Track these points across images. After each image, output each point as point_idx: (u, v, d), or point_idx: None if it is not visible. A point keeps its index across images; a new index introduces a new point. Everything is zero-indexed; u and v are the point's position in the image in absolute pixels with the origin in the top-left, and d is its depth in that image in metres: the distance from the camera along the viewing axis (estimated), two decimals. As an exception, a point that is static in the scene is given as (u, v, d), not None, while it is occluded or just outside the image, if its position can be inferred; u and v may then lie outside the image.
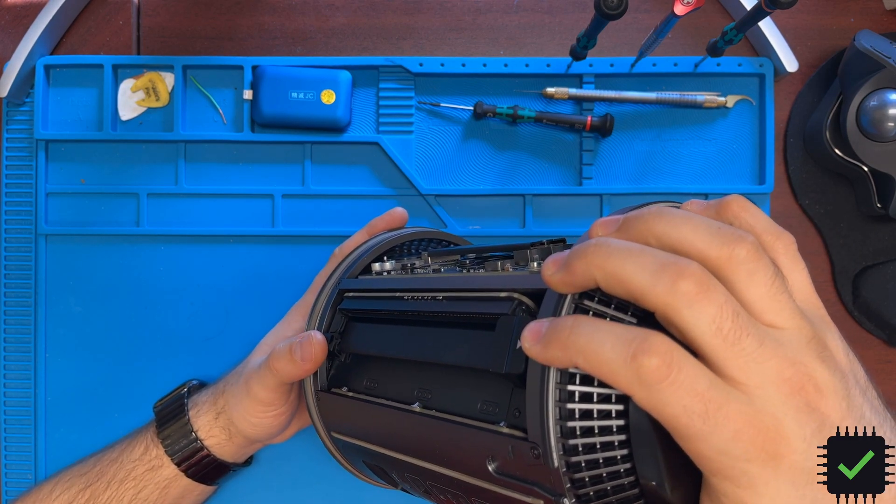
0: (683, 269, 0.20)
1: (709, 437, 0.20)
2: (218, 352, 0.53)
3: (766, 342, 0.21)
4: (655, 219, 0.23)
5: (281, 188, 0.53)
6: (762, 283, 0.21)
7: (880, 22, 0.54)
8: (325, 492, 0.52)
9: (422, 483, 0.32)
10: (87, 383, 0.53)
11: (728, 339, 0.20)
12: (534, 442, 0.23)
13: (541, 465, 0.23)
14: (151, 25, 0.55)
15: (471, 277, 0.31)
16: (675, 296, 0.20)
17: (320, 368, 0.38)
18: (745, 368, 0.20)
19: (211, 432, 0.45)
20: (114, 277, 0.53)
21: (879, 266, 0.52)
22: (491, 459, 0.26)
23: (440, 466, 0.29)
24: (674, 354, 0.20)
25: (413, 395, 0.32)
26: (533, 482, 0.24)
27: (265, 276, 0.53)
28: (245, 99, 0.53)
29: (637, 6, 0.54)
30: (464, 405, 0.29)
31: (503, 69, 0.53)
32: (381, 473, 0.36)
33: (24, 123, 0.54)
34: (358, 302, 0.38)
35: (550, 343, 0.22)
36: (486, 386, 0.28)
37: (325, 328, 0.39)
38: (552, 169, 0.54)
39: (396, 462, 0.33)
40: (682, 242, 0.22)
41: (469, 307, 0.30)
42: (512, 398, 0.26)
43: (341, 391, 0.37)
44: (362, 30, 0.55)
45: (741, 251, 0.21)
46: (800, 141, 0.53)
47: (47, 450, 0.53)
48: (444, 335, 0.31)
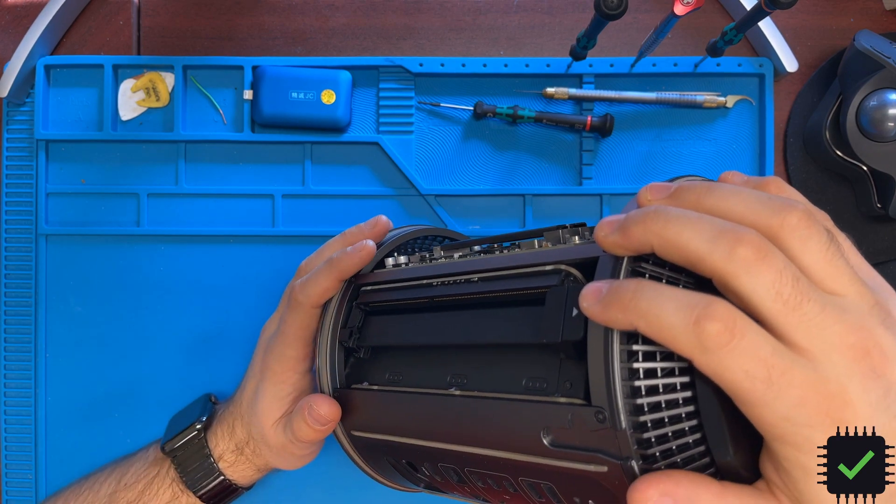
0: (742, 235, 0.21)
1: (772, 403, 0.20)
2: (218, 352, 0.53)
3: (827, 308, 0.21)
4: (706, 191, 0.23)
5: (281, 188, 0.53)
6: (817, 248, 0.21)
7: (880, 22, 0.54)
8: (328, 492, 0.52)
9: (458, 472, 0.31)
10: (87, 383, 0.53)
11: (789, 304, 0.20)
12: (598, 406, 0.23)
13: (605, 429, 0.23)
14: (151, 25, 0.55)
15: (509, 255, 0.31)
16: (734, 261, 0.20)
17: (336, 366, 0.37)
18: (807, 334, 0.20)
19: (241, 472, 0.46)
20: (114, 277, 0.53)
21: (879, 266, 0.52)
22: (546, 432, 0.25)
23: (484, 449, 0.28)
24: (737, 320, 0.20)
25: (446, 381, 0.31)
26: (595, 449, 0.24)
27: (265, 276, 0.53)
28: (245, 99, 0.53)
29: (637, 6, 0.54)
30: (506, 385, 0.28)
31: (503, 69, 0.53)
32: (407, 470, 0.35)
33: (24, 123, 0.54)
34: (377, 294, 0.37)
35: (611, 304, 0.22)
36: (529, 363, 0.28)
37: (343, 323, 0.38)
38: (552, 169, 0.54)
39: (430, 452, 0.32)
40: (734, 213, 0.22)
41: (512, 284, 0.29)
42: (561, 371, 0.26)
43: (362, 386, 0.36)
44: (362, 30, 0.55)
45: (792, 218, 0.21)
46: (800, 141, 0.54)
47: (47, 450, 0.53)
48: (483, 316, 0.30)
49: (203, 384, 0.53)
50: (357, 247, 0.38)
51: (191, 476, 0.45)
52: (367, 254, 0.38)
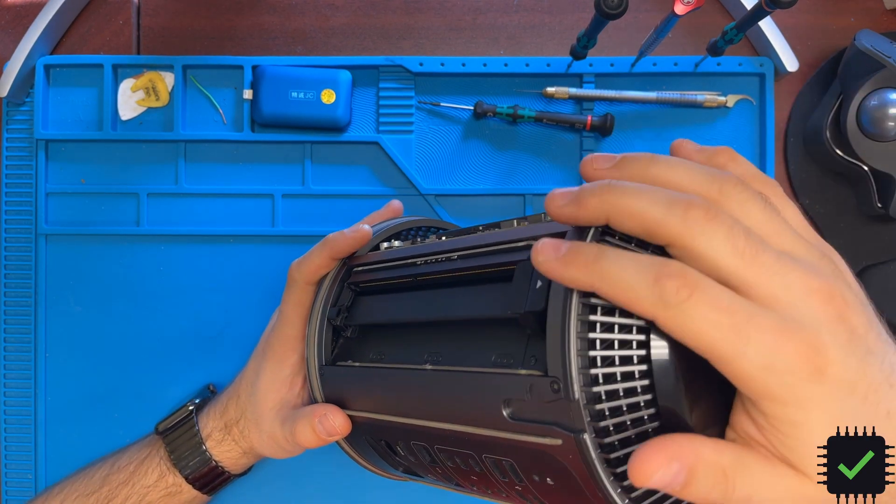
0: (691, 201, 0.22)
1: (746, 351, 0.20)
2: (218, 352, 0.53)
3: (783, 258, 0.21)
4: (650, 161, 0.24)
5: (281, 188, 0.53)
6: (755, 208, 0.23)
7: (880, 22, 0.54)
8: (320, 484, 0.52)
9: (429, 450, 0.31)
10: (87, 383, 0.53)
11: (746, 257, 0.21)
12: (554, 376, 0.23)
13: (560, 399, 0.23)
14: (151, 25, 0.55)
15: (486, 234, 0.31)
16: (688, 223, 0.21)
17: (324, 344, 0.38)
18: (770, 283, 0.21)
19: (226, 454, 0.46)
20: (114, 277, 0.53)
21: (879, 266, 0.52)
22: (506, 405, 0.26)
23: (450, 423, 0.29)
24: (694, 275, 0.21)
25: (423, 359, 0.31)
26: (551, 422, 0.24)
27: (265, 276, 0.53)
28: (245, 99, 0.53)
29: (637, 6, 0.54)
30: (476, 361, 0.28)
31: (503, 69, 0.53)
32: (385, 451, 0.36)
33: (24, 123, 0.54)
34: (367, 274, 0.38)
35: (571, 262, 0.22)
36: (500, 340, 0.28)
37: (333, 302, 0.38)
38: (552, 169, 0.54)
39: (402, 429, 0.32)
40: (677, 183, 0.23)
41: (486, 260, 0.30)
42: (528, 347, 0.26)
43: (346, 363, 0.36)
44: (362, 30, 0.55)
45: (728, 185, 0.23)
46: (800, 141, 0.53)
47: (47, 450, 0.53)
48: (458, 293, 0.31)
49: (202, 384, 0.53)
50: (353, 228, 0.39)
51: (178, 455, 0.45)
52: (362, 236, 0.39)
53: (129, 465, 0.47)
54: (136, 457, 0.47)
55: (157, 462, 0.46)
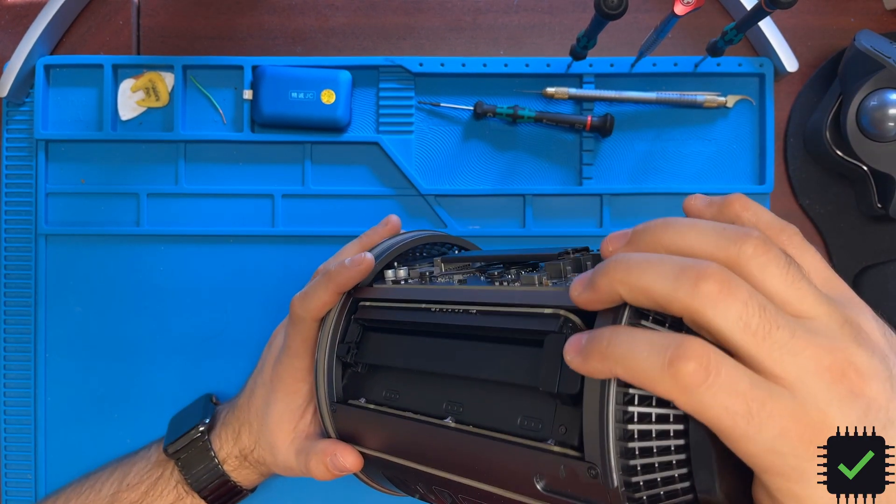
0: (703, 270, 0.21)
1: (755, 436, 0.20)
2: (218, 352, 0.53)
3: (797, 332, 0.21)
4: (662, 229, 0.23)
5: (281, 188, 0.53)
6: (777, 273, 0.21)
7: (880, 22, 0.54)
8: (329, 494, 0.52)
9: (452, 496, 0.31)
10: (87, 383, 0.53)
11: (759, 335, 0.20)
12: (591, 462, 0.23)
13: (597, 484, 0.23)
14: (151, 25, 0.55)
15: (509, 292, 0.30)
16: (699, 297, 0.20)
17: (334, 378, 0.37)
18: (781, 361, 0.20)
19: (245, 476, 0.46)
20: (114, 277, 0.53)
21: (879, 266, 0.52)
22: (539, 477, 0.25)
23: (477, 482, 0.29)
24: (711, 357, 0.20)
25: (442, 408, 0.31)
26: (586, 500, 0.24)
27: (265, 276, 0.53)
28: (245, 99, 0.53)
29: (637, 6, 0.54)
30: (501, 420, 0.28)
31: (503, 69, 0.53)
32: (402, 484, 0.36)
33: (24, 123, 0.54)
34: (376, 312, 0.37)
35: (590, 354, 0.22)
36: (525, 401, 0.28)
37: (341, 338, 0.37)
38: (552, 169, 0.54)
39: (424, 475, 0.32)
40: (692, 248, 0.22)
41: (510, 323, 0.29)
42: (556, 415, 0.26)
43: (359, 402, 0.36)
44: (362, 30, 0.55)
45: (748, 248, 0.21)
46: (800, 141, 0.53)
47: (47, 450, 0.53)
48: (481, 349, 0.30)
49: (203, 384, 0.53)
50: (355, 260, 0.38)
51: (195, 477, 0.45)
52: (366, 267, 0.38)
53: (140, 485, 0.46)
54: (146, 476, 0.46)
55: (174, 485, 0.46)
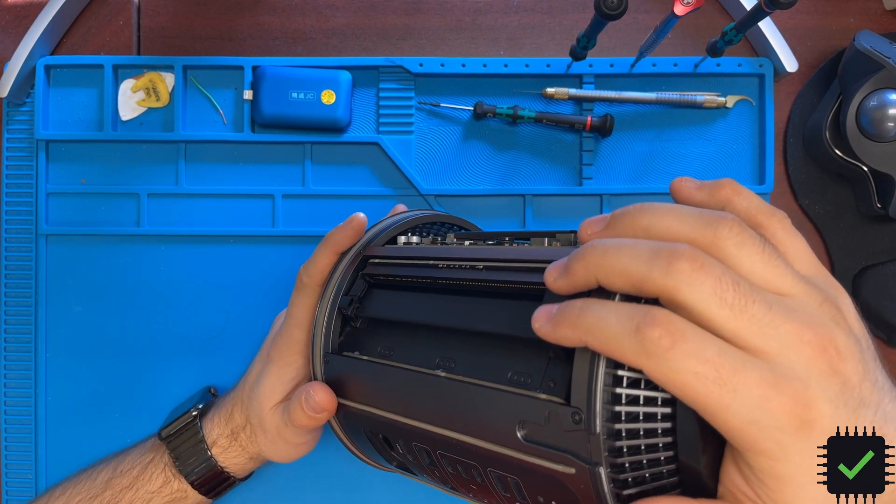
0: (675, 250, 0.21)
1: (731, 404, 0.20)
2: (218, 352, 0.53)
3: (775, 307, 0.21)
4: (640, 213, 0.23)
5: (281, 188, 0.53)
6: (753, 252, 0.22)
7: (880, 22, 0.54)
8: (325, 491, 0.52)
9: (430, 453, 0.31)
10: (87, 383, 0.53)
11: (735, 308, 0.20)
12: (576, 407, 0.23)
13: (579, 431, 0.23)
14: (151, 25, 0.55)
15: (518, 250, 0.31)
16: (673, 275, 0.21)
17: (332, 331, 0.38)
18: (760, 334, 0.20)
19: (233, 459, 0.46)
20: (114, 277, 0.53)
21: (879, 266, 0.52)
22: (521, 426, 0.26)
23: (458, 433, 0.29)
24: (676, 323, 0.20)
25: (435, 362, 0.31)
26: (566, 450, 0.24)
27: (265, 276, 0.53)
28: (245, 99, 0.53)
29: (637, 6, 0.54)
30: (492, 374, 0.28)
31: (503, 69, 0.53)
32: (382, 446, 0.36)
33: (24, 123, 0.54)
34: (384, 268, 0.37)
35: (560, 322, 0.23)
36: (518, 357, 0.28)
37: (346, 290, 0.38)
38: (552, 169, 0.54)
39: (406, 429, 0.32)
40: (669, 231, 0.23)
41: (514, 277, 0.29)
42: (547, 370, 0.26)
43: (352, 354, 0.36)
44: (362, 30, 0.55)
45: (724, 229, 0.22)
46: (800, 141, 0.54)
47: (48, 450, 0.53)
48: (481, 304, 0.31)
49: (202, 384, 0.53)
50: (348, 219, 0.39)
51: (183, 461, 0.45)
52: (359, 223, 0.39)
53: (132, 469, 0.47)
54: (139, 461, 0.47)
55: (162, 468, 0.46)
